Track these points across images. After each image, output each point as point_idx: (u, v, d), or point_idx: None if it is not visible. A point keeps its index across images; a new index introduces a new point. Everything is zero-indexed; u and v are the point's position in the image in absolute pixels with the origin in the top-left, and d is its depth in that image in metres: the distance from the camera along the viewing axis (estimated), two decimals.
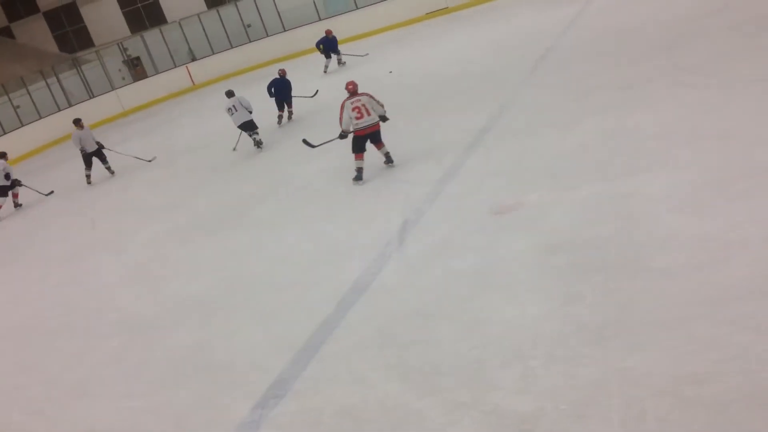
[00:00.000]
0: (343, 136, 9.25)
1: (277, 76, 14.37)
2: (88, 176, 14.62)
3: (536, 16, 17.07)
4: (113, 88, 25.61)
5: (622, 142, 7.38)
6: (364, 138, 9.07)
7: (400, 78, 15.15)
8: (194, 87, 25.75)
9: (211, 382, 5.35)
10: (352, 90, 9.18)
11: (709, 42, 9.81)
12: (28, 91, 23.02)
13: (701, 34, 10.31)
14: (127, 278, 8.35)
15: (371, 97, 9.09)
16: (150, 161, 14.73)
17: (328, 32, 19.90)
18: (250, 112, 12.77)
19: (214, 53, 26.36)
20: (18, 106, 22.59)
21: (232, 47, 26.26)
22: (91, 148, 14.48)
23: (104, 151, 14.66)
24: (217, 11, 26.88)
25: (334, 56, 19.68)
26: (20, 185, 14.14)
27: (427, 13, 23.48)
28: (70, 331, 7.25)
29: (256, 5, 26.18)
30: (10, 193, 14.09)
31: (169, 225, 9.86)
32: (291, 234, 8.05)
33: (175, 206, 10.82)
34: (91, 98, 24.65)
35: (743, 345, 3.84)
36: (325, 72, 19.03)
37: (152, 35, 27.13)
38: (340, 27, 23.47)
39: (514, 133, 8.88)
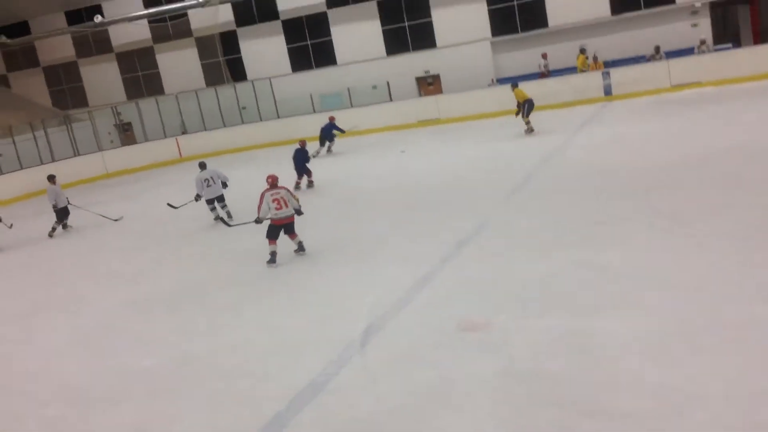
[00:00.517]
0: (258, 221, 10.03)
1: (298, 146, 15.80)
2: (53, 229, 14.79)
3: (523, 141, 17.59)
4: (100, 149, 25.67)
5: (592, 277, 7.46)
6: (279, 227, 9.92)
7: (387, 181, 15.38)
8: (181, 159, 25.90)
9: None
10: (272, 183, 9.97)
11: (686, 192, 10.10)
12: (13, 140, 23.00)
13: (680, 184, 10.63)
14: (77, 344, 8.10)
15: (289, 191, 9.99)
16: (116, 221, 14.94)
17: (331, 118, 20.80)
18: (225, 185, 13.45)
19: (206, 129, 26.70)
20: (1, 155, 22.51)
21: (224, 126, 26.66)
22: (64, 203, 14.72)
23: (69, 207, 14.83)
24: (215, 89, 27.43)
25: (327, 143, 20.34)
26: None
27: (419, 121, 24.11)
28: (6, 392, 6.96)
29: (254, 90, 26.80)
30: None
31: (129, 295, 9.67)
32: (251, 322, 7.93)
33: (139, 277, 10.65)
34: (76, 156, 24.64)
35: None
36: (313, 156, 19.25)
37: (147, 103, 27.50)
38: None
39: (488, 253, 8.96)
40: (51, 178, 14.87)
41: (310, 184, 15.88)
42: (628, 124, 17.25)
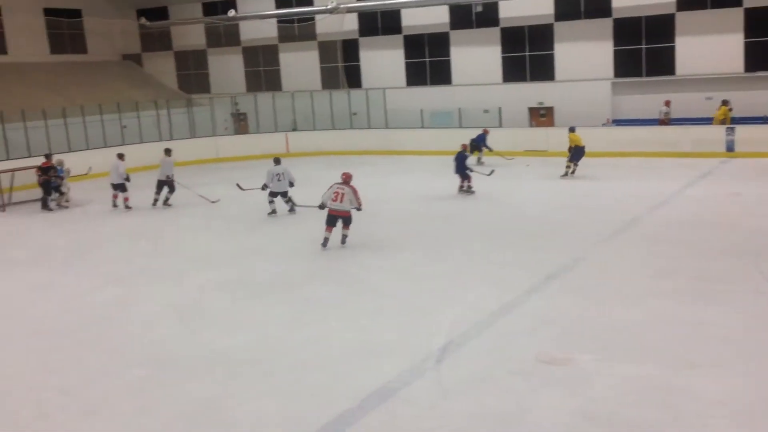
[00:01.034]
0: (321, 207, 11.53)
1: (460, 149, 16.62)
2: (155, 200, 15.88)
3: (634, 185, 17.10)
4: (215, 135, 26.76)
5: (687, 332, 7.18)
6: (334, 218, 11.32)
7: (483, 205, 15.29)
8: (287, 154, 26.58)
9: None
10: (344, 179, 11.51)
11: None
12: (138, 116, 24.29)
13: None
14: (169, 314, 8.46)
15: (354, 192, 11.32)
16: (213, 202, 15.66)
17: (485, 131, 21.13)
18: (291, 185, 14.29)
19: (315, 129, 27.35)
20: (125, 126, 23.83)
21: (333, 128, 27.21)
22: (168, 177, 15.73)
23: (176, 184, 15.79)
24: (330, 93, 28.06)
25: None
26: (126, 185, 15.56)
27: (526, 151, 23.82)
28: (100, 349, 7.35)
29: (367, 98, 27.24)
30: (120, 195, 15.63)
31: (225, 276, 10.02)
32: (334, 319, 8.05)
33: (235, 260, 11.00)
34: (192, 137, 25.78)
35: None
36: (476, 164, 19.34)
37: (264, 97, 28.42)
38: (438, 140, 24.14)
39: (580, 289, 8.76)
40: (167, 152, 15.95)
41: (468, 188, 16.28)
42: (747, 184, 16.46)
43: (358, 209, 11.43)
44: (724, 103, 21.87)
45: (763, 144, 20.55)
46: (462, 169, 16.35)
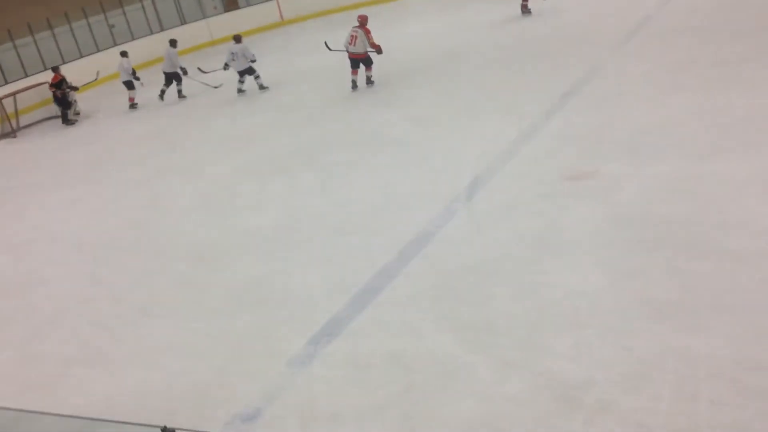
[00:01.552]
0: (328, 48, 12.83)
1: None
2: (162, 92, 15.73)
3: None
4: (204, 17, 25.93)
5: (710, 120, 7.10)
6: (352, 60, 11.98)
7: (492, 32, 14.84)
8: (282, 22, 25.81)
9: (269, 314, 5.52)
10: (359, 22, 11.83)
11: None
12: (123, 11, 23.53)
13: None
14: (199, 206, 8.59)
15: (366, 33, 11.65)
16: (216, 87, 15.49)
17: None
18: (252, 61, 14.12)
19: None
20: (113, 26, 23.16)
21: None
22: (173, 69, 15.44)
23: (181, 74, 15.47)
24: None
25: None
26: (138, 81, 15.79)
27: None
28: (141, 251, 7.55)
29: None
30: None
31: (244, 158, 10.05)
32: (360, 179, 8.11)
33: (251, 140, 10.99)
34: (182, 24, 25.02)
35: None
36: None
37: None
38: None
39: (599, 101, 8.64)
40: (172, 42, 15.59)
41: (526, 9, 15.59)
42: None
43: (376, 52, 11.73)
44: None
45: None
46: None
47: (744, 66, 8.41)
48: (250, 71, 14.27)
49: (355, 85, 12.21)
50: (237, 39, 14.46)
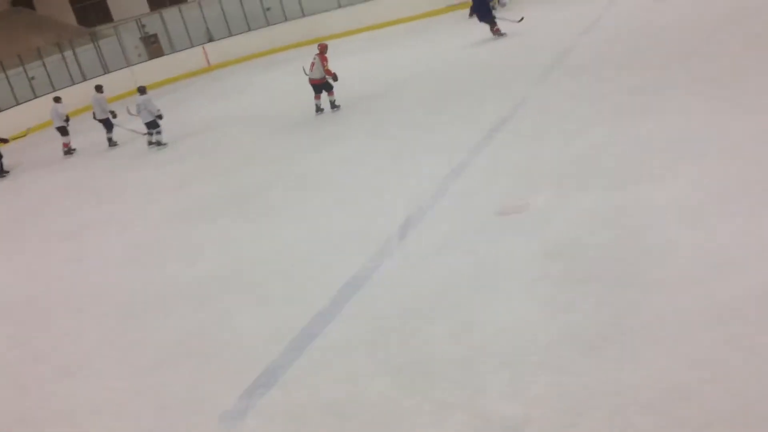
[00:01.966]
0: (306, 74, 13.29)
1: None
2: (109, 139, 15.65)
3: (553, 15, 16.94)
4: (129, 65, 25.63)
5: (630, 150, 7.31)
6: (314, 86, 13.07)
7: (418, 69, 15.09)
8: (209, 68, 25.75)
9: (200, 368, 5.35)
10: (319, 50, 12.91)
11: (725, 54, 9.71)
12: (44, 63, 23.06)
13: (718, 46, 10.22)
14: (127, 258, 8.35)
15: (323, 60, 12.74)
16: (145, 135, 15.16)
17: None
18: (158, 116, 14.01)
19: (231, 35, 26.35)
20: (33, 77, 22.64)
21: (250, 30, 26.24)
22: (104, 116, 15.41)
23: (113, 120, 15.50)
24: None
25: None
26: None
27: (448, 6, 23.32)
28: (68, 308, 7.26)
29: None
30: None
31: (173, 207, 9.87)
32: (292, 223, 8.03)
33: (180, 188, 10.82)
34: (105, 73, 24.65)
35: (734, 364, 3.80)
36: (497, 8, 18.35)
37: (171, 13, 27.13)
38: (356, 15, 23.45)
39: (524, 135, 8.82)
40: (98, 88, 15.65)
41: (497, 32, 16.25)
42: None
43: (332, 79, 12.74)
44: None
45: None
46: (483, 11, 16.13)
47: (660, 95, 8.74)
48: (154, 125, 14.01)
49: (318, 109, 13.10)
50: (141, 90, 14.26)
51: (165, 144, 14.00)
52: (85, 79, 23.64)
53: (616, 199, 6.24)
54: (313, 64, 12.82)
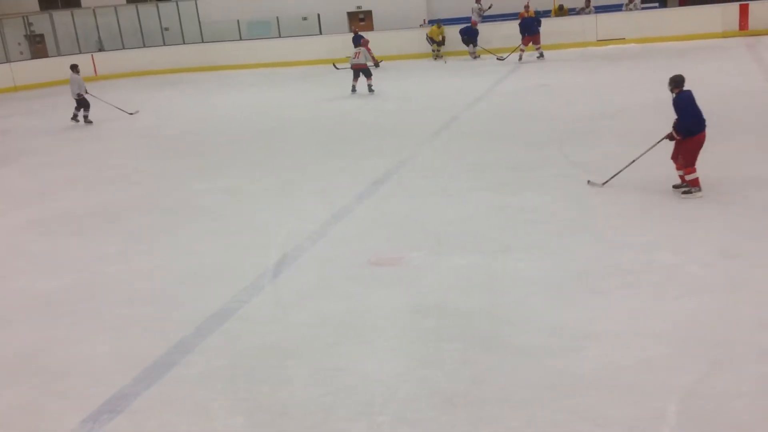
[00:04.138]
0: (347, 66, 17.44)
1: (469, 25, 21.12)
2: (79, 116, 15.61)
3: (451, 84, 17.65)
4: (8, 61, 24.25)
5: (505, 220, 7.65)
6: (354, 71, 16.78)
7: (310, 112, 15.21)
8: (96, 77, 24.78)
9: (42, 387, 5.01)
10: (362, 43, 17.59)
11: (600, 142, 10.44)
12: None
13: (593, 134, 10.99)
14: None
15: (368, 50, 17.05)
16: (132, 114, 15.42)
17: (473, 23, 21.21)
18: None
19: (124, 48, 25.59)
20: None
21: (144, 46, 25.59)
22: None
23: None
24: (136, 7, 26.22)
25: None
26: None
27: (347, 57, 23.72)
28: None
29: (178, 11, 25.73)
30: None
31: (35, 215, 9.31)
32: (164, 248, 7.78)
33: (49, 195, 10.25)
34: None
35: None
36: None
37: (62, 16, 26.06)
38: (256, 52, 23.46)
39: (406, 191, 9.03)
40: (74, 68, 15.43)
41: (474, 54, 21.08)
42: (553, 74, 17.52)
43: (374, 65, 17.11)
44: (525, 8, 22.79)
45: (565, 36, 21.83)
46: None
47: (536, 172, 9.24)
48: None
49: (354, 90, 16.72)
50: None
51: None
52: None
53: (488, 265, 6.48)
54: (357, 54, 16.43)
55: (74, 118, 15.49)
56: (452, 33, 22.06)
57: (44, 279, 7.11)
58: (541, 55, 20.09)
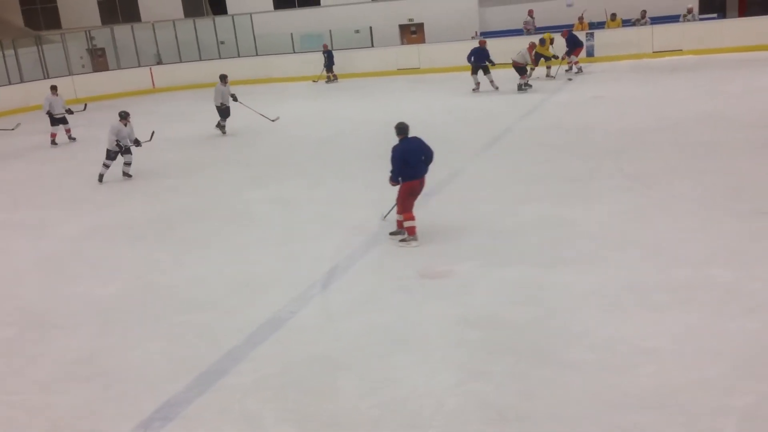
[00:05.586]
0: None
1: (477, 45, 18.37)
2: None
3: (503, 96, 17.53)
4: (70, 74, 25.05)
5: (558, 232, 7.54)
6: (516, 68, 17.61)
7: (361, 123, 15.28)
8: (154, 90, 25.43)
9: (98, 391, 5.12)
10: (530, 45, 17.98)
11: (656, 155, 10.23)
12: None
13: (650, 146, 10.76)
14: (39, 268, 8.02)
15: (530, 52, 17.98)
16: (274, 120, 15.40)
17: (482, 42, 18.73)
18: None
19: (181, 61, 26.18)
20: None
21: (200, 59, 26.14)
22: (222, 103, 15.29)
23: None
24: (194, 21, 26.83)
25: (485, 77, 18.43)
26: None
27: (398, 69, 23.84)
28: None
29: (234, 24, 26.24)
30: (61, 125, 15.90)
31: (96, 222, 9.57)
32: (216, 256, 7.89)
33: (106, 205, 10.51)
34: (46, 78, 24.00)
35: None
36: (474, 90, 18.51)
37: (122, 30, 26.82)
38: (308, 66, 23.75)
39: (456, 203, 8.99)
40: (222, 78, 15.47)
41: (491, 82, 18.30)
42: (608, 86, 17.26)
43: (530, 66, 17.62)
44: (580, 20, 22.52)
45: (620, 47, 21.53)
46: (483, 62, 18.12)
47: (591, 184, 9.09)
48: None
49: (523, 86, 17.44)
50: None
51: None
52: (22, 81, 22.96)
53: (539, 278, 6.40)
54: (521, 54, 17.30)
55: (219, 127, 15.42)
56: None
57: (100, 284, 7.29)
58: (580, 70, 19.76)
